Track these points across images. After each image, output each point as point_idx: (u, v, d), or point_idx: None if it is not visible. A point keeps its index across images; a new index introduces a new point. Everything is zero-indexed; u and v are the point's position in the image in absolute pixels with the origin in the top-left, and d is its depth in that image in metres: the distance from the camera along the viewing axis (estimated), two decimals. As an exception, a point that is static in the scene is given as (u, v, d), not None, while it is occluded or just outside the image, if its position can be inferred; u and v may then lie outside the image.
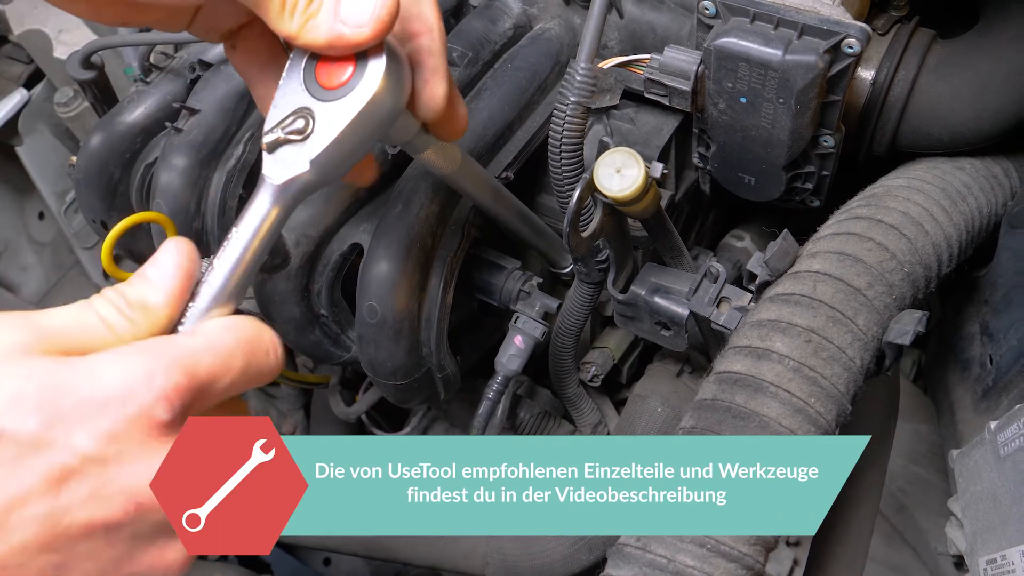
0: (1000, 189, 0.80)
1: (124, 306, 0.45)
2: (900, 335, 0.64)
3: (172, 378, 0.42)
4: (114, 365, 0.41)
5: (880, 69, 0.77)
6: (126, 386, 0.41)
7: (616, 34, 0.88)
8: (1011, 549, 0.66)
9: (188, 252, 0.47)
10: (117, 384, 0.41)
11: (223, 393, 0.46)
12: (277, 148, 0.50)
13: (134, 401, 0.41)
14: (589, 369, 0.99)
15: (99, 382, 0.40)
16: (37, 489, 0.39)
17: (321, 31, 0.46)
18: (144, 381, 0.41)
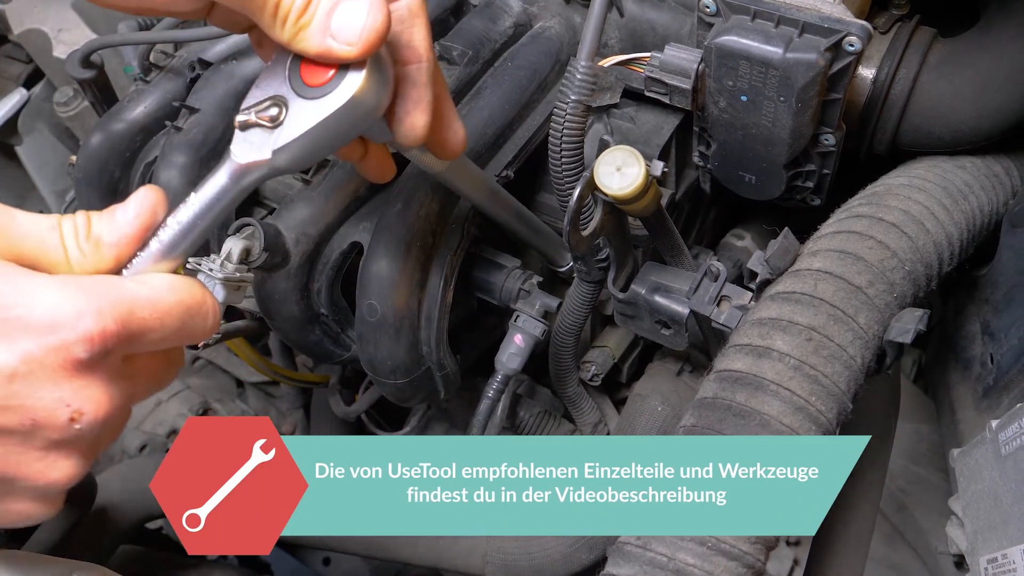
0: (1001, 188, 0.80)
1: (83, 237, 0.48)
2: (901, 333, 0.64)
3: (101, 322, 0.44)
4: (53, 294, 0.44)
5: (881, 67, 0.77)
6: (55, 318, 0.43)
7: (616, 32, 0.88)
8: (1012, 548, 0.65)
9: (154, 204, 0.49)
10: (48, 313, 0.43)
11: (151, 346, 0.48)
12: (248, 128, 0.51)
13: (57, 334, 0.43)
14: (589, 368, 0.99)
15: (34, 305, 0.43)
16: None
17: (312, 43, 0.47)
18: (73, 318, 0.43)
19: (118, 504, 0.96)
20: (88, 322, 0.44)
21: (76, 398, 0.44)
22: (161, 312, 0.47)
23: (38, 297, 0.43)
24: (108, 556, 0.96)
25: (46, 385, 0.43)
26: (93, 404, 0.45)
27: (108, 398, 0.46)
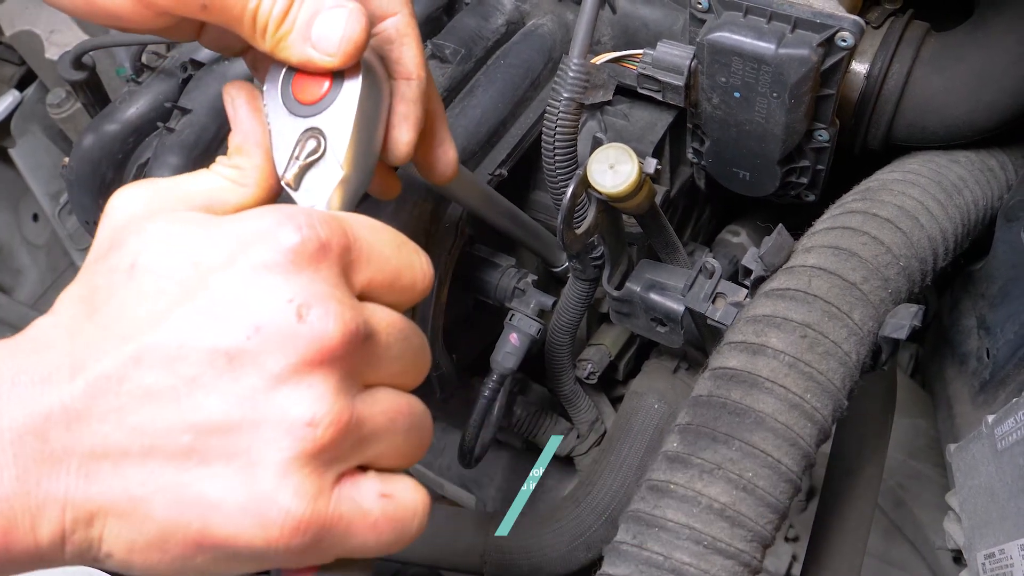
0: (996, 182, 0.80)
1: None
2: (896, 329, 0.64)
3: (307, 209, 0.40)
4: (252, 212, 0.41)
5: (874, 62, 0.77)
6: (260, 224, 0.39)
7: (609, 29, 0.87)
8: (1009, 543, 0.65)
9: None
10: (252, 220, 0.40)
11: (373, 272, 0.42)
12: (302, 179, 0.48)
13: (257, 223, 0.39)
14: (585, 366, 0.99)
15: (237, 219, 0.40)
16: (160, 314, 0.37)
17: (294, 52, 0.46)
18: (275, 223, 0.39)
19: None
20: (299, 220, 0.39)
21: (300, 292, 0.37)
22: (378, 233, 0.43)
23: (237, 217, 0.40)
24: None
25: (268, 287, 0.38)
26: (321, 300, 0.38)
27: (338, 299, 0.38)
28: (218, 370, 0.36)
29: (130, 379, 0.36)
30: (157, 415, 0.36)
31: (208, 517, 0.36)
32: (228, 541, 0.37)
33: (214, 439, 0.36)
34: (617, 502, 0.94)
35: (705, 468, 0.58)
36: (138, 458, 0.36)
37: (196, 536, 0.36)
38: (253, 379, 0.36)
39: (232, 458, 0.36)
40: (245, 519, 0.36)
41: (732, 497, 0.57)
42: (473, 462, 0.94)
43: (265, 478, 0.36)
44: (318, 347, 0.37)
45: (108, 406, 0.35)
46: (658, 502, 0.58)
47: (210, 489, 0.36)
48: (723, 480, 0.57)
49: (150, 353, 0.36)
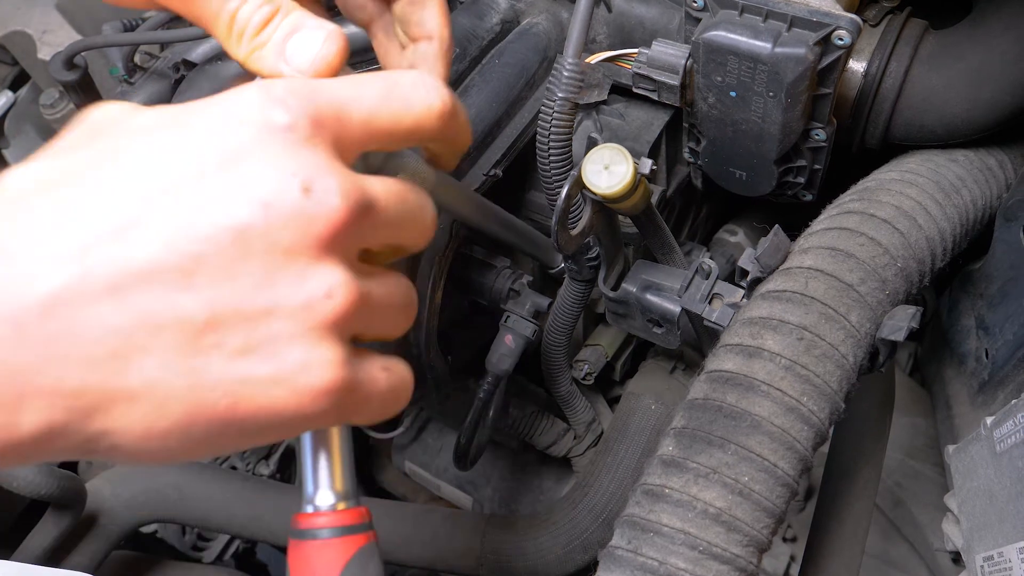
0: (995, 181, 0.79)
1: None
2: (894, 331, 0.63)
3: (289, 85, 0.39)
4: (247, 88, 0.39)
5: (872, 61, 0.76)
6: (235, 96, 0.38)
7: (605, 28, 0.87)
8: (1008, 546, 0.65)
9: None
10: (228, 97, 0.38)
11: (360, 125, 0.41)
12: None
13: (245, 106, 0.37)
14: (582, 367, 0.99)
15: (239, 97, 0.38)
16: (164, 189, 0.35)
17: (266, 64, 0.45)
18: (257, 91, 0.38)
19: (109, 509, 0.95)
20: (276, 89, 0.38)
21: (303, 167, 0.36)
22: (352, 80, 0.41)
23: (224, 96, 0.38)
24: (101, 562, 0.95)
25: (259, 159, 0.36)
26: (324, 173, 0.37)
27: (339, 172, 0.38)
28: (227, 248, 0.35)
29: (126, 258, 0.33)
30: (163, 295, 0.34)
31: (236, 393, 0.35)
32: (258, 414, 0.36)
33: (230, 317, 0.35)
34: (614, 504, 0.94)
35: (700, 472, 0.57)
36: (146, 340, 0.33)
37: (225, 412, 0.36)
38: (265, 257, 0.35)
39: (252, 333, 0.35)
40: (275, 390, 0.36)
41: (728, 502, 0.56)
42: (469, 464, 0.94)
43: (292, 349, 0.36)
44: (326, 221, 0.36)
45: (98, 285, 0.33)
46: (653, 507, 0.57)
47: (234, 366, 0.35)
48: (719, 484, 0.57)
49: (147, 230, 0.34)
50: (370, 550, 0.43)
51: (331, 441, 0.43)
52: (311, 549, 0.42)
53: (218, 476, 1.01)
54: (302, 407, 0.37)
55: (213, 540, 1.32)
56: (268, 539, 1.04)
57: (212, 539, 1.32)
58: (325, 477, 0.43)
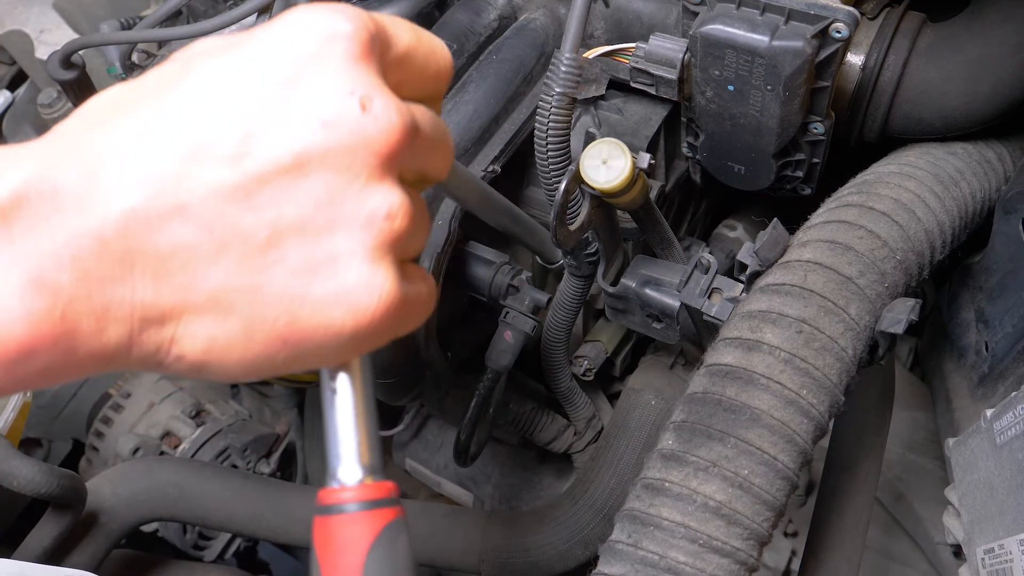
0: (993, 174, 0.79)
1: None
2: (893, 324, 0.63)
3: (366, 13, 0.39)
4: (305, 8, 0.39)
5: (870, 54, 0.76)
6: (302, 8, 0.38)
7: (602, 23, 0.86)
8: (1008, 539, 0.65)
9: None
10: (296, 10, 0.38)
11: (401, 55, 0.41)
12: None
13: (311, 14, 0.38)
14: (582, 363, 0.99)
15: (299, 14, 0.38)
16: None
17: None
18: (322, 4, 0.39)
19: (110, 508, 0.95)
20: (348, 11, 0.38)
21: (360, 84, 0.37)
22: (398, 25, 0.42)
23: (284, 15, 0.38)
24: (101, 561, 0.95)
25: (322, 76, 0.36)
26: (379, 92, 0.37)
27: (390, 92, 0.38)
28: (287, 167, 0.35)
29: (190, 176, 0.34)
30: (226, 213, 0.35)
31: (296, 310, 0.36)
32: (317, 331, 0.37)
33: (291, 236, 0.36)
34: (615, 499, 0.94)
35: (700, 466, 0.57)
36: (211, 256, 0.35)
37: (284, 329, 0.36)
38: (326, 176, 0.36)
39: (313, 252, 0.36)
40: (335, 308, 0.37)
41: (728, 495, 0.56)
42: (469, 460, 0.94)
43: (352, 269, 0.37)
44: (385, 139, 0.37)
45: (169, 204, 0.34)
46: (653, 500, 0.57)
47: (294, 283, 0.36)
48: (719, 478, 0.57)
49: (210, 149, 0.35)
50: (399, 525, 0.42)
51: (357, 414, 0.42)
52: (337, 524, 0.40)
53: (218, 474, 1.01)
54: (359, 326, 0.37)
55: (214, 539, 1.32)
56: (269, 537, 1.04)
57: (213, 538, 1.32)
58: (352, 451, 0.42)
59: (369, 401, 0.43)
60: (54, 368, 0.33)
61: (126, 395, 1.34)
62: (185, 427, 1.30)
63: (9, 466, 0.80)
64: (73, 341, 0.33)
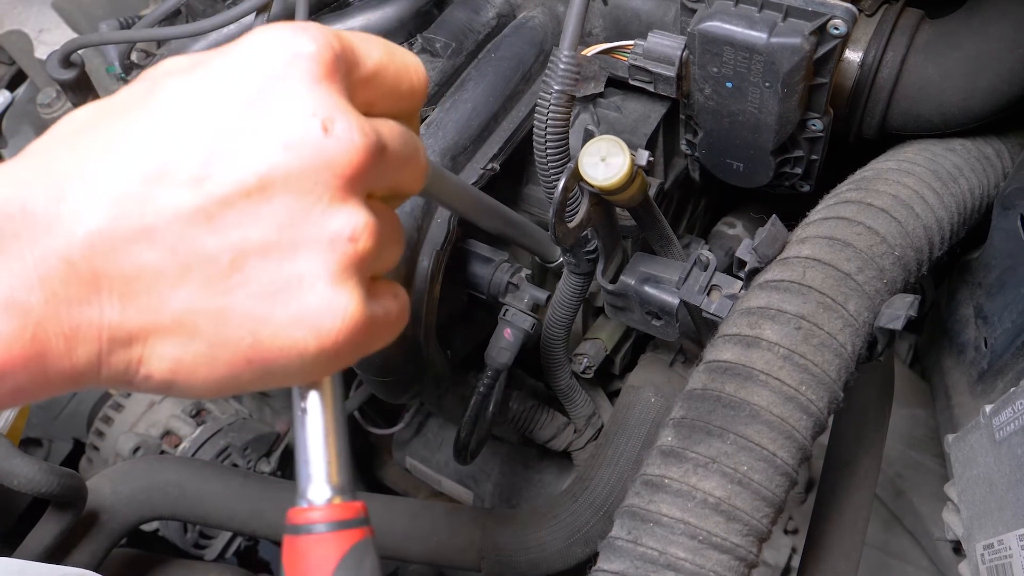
0: (992, 170, 0.79)
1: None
2: (891, 320, 0.63)
3: (313, 24, 0.39)
4: (269, 28, 0.39)
5: (868, 50, 0.76)
6: (266, 28, 0.38)
7: (601, 21, 0.87)
8: (1008, 534, 0.65)
9: None
10: (259, 31, 0.38)
11: (370, 74, 0.41)
12: None
13: (275, 35, 0.38)
14: (581, 361, 0.99)
15: (262, 35, 0.38)
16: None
17: None
18: (286, 24, 0.39)
19: (110, 507, 0.95)
20: (311, 31, 0.38)
21: (322, 106, 0.37)
22: (369, 42, 0.41)
23: (248, 35, 0.38)
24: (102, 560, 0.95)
25: (286, 95, 0.36)
26: (342, 113, 0.37)
27: (355, 112, 0.38)
28: (250, 190, 0.36)
29: (154, 198, 0.35)
30: (190, 236, 0.35)
31: (260, 331, 0.37)
32: (281, 353, 0.37)
33: (255, 259, 0.36)
34: (615, 497, 0.94)
35: (700, 462, 0.57)
36: (176, 278, 0.35)
37: (248, 351, 0.37)
38: (288, 198, 0.36)
39: (276, 274, 0.36)
40: (299, 330, 0.37)
41: (727, 491, 0.56)
42: (469, 458, 0.94)
43: (316, 291, 0.37)
44: (348, 160, 0.37)
45: (134, 226, 0.34)
46: (653, 497, 0.57)
47: (258, 305, 0.36)
48: (718, 474, 0.57)
49: (173, 170, 0.35)
50: (366, 545, 0.42)
51: (327, 433, 0.43)
52: (305, 544, 0.41)
53: (219, 473, 1.01)
54: (323, 347, 0.37)
55: (215, 538, 1.32)
56: (270, 536, 1.04)
57: (214, 537, 1.32)
58: (321, 470, 0.42)
59: (339, 420, 0.43)
60: (25, 388, 0.34)
61: (126, 394, 1.34)
62: (185, 426, 1.30)
63: (10, 465, 0.80)
64: (43, 361, 0.34)
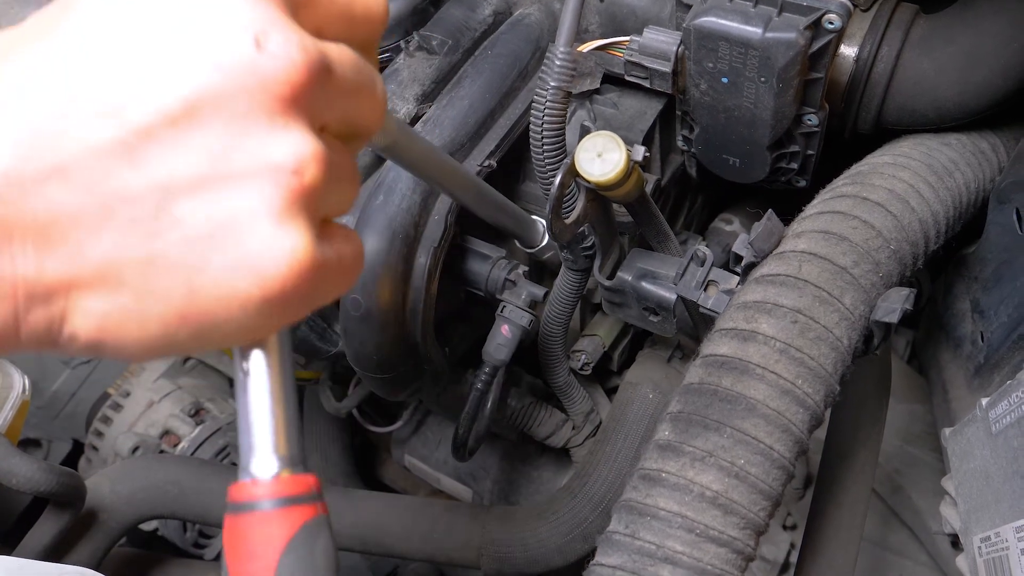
0: (988, 164, 0.80)
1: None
2: (887, 313, 0.63)
3: None
4: None
5: (863, 45, 0.76)
6: None
7: (597, 17, 0.87)
8: (1004, 526, 0.65)
9: None
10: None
11: (325, 3, 0.37)
12: None
13: None
14: (579, 357, 0.99)
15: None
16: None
17: None
18: None
19: (109, 506, 0.96)
20: None
21: (256, 19, 0.32)
22: None
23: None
24: (101, 559, 0.95)
25: (214, 9, 0.32)
26: (280, 26, 0.33)
27: (295, 27, 0.33)
28: (175, 117, 0.31)
29: (67, 132, 0.30)
30: (110, 173, 0.31)
31: (195, 281, 0.32)
32: (220, 305, 0.33)
33: (185, 198, 0.32)
34: (613, 493, 0.94)
35: (697, 456, 0.57)
36: (96, 222, 0.31)
37: (181, 304, 0.32)
38: (219, 125, 0.32)
39: (211, 213, 0.32)
40: (239, 277, 0.33)
41: (724, 485, 0.56)
42: (467, 455, 0.94)
43: (257, 231, 0.32)
44: (285, 79, 0.32)
45: (45, 165, 0.30)
46: (650, 491, 0.58)
47: (191, 250, 0.32)
48: (715, 468, 0.57)
49: (88, 99, 0.31)
50: (319, 524, 0.37)
51: (274, 397, 0.37)
52: (249, 523, 0.36)
53: (218, 472, 1.01)
54: (267, 295, 0.33)
55: (215, 537, 1.32)
56: (269, 534, 1.04)
57: (213, 536, 1.32)
58: (267, 440, 0.37)
59: (287, 383, 0.38)
60: None
61: (125, 394, 1.35)
62: (184, 425, 1.30)
63: (8, 464, 0.80)
64: None
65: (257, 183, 0.32)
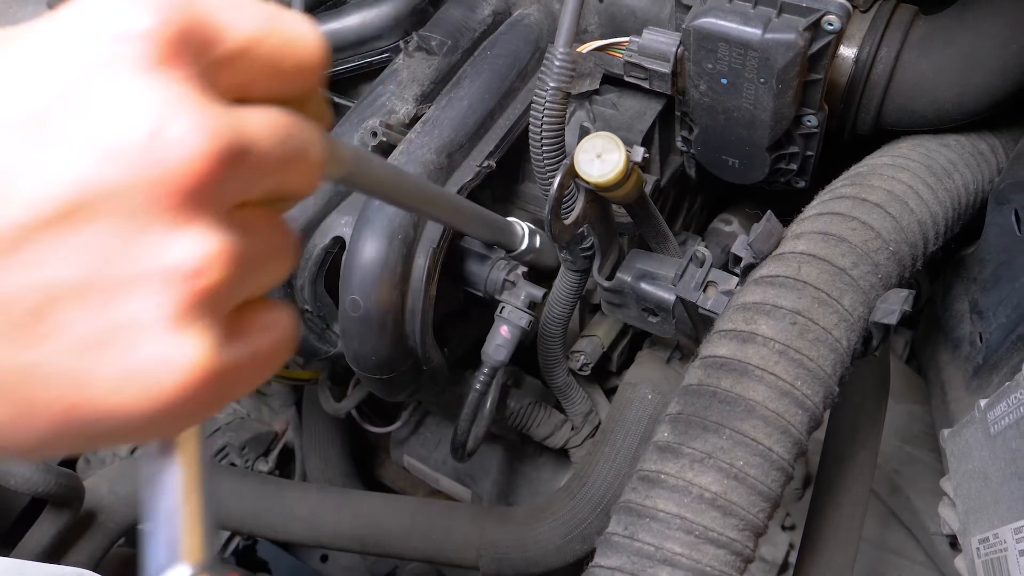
0: (986, 165, 0.80)
1: None
2: (886, 314, 0.63)
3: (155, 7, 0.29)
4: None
5: (862, 46, 0.76)
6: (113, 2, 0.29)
7: (596, 18, 0.87)
8: (1003, 527, 0.65)
9: None
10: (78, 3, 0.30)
11: (239, 49, 0.32)
12: None
13: (96, 7, 0.29)
14: (578, 358, 0.99)
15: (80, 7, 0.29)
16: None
17: None
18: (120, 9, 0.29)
19: (108, 507, 0.96)
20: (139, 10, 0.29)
21: (156, 100, 0.28)
22: (237, 4, 0.32)
23: (63, 10, 0.30)
24: (100, 559, 0.95)
25: (107, 87, 0.28)
26: (183, 108, 0.29)
27: (203, 105, 0.29)
28: (56, 215, 0.28)
29: None
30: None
31: (77, 393, 0.29)
32: (105, 415, 0.30)
33: (70, 303, 0.29)
34: (612, 494, 0.94)
35: (696, 457, 0.57)
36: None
37: (60, 417, 0.29)
38: (108, 223, 0.28)
39: (98, 321, 0.29)
40: (125, 389, 0.30)
41: (723, 486, 0.56)
42: (466, 456, 0.94)
43: (148, 340, 0.29)
44: (186, 171, 0.28)
45: None
46: (649, 492, 0.58)
47: (73, 362, 0.29)
48: (714, 469, 0.57)
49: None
50: None
51: (186, 499, 0.35)
52: None
53: (217, 472, 1.01)
54: (156, 410, 0.30)
55: (213, 537, 1.32)
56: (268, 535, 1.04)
57: (212, 536, 1.32)
58: (177, 546, 0.34)
59: (202, 480, 0.35)
60: None
61: (124, 394, 1.34)
62: (183, 426, 1.30)
63: (7, 464, 0.80)
64: None
65: (151, 289, 0.29)
